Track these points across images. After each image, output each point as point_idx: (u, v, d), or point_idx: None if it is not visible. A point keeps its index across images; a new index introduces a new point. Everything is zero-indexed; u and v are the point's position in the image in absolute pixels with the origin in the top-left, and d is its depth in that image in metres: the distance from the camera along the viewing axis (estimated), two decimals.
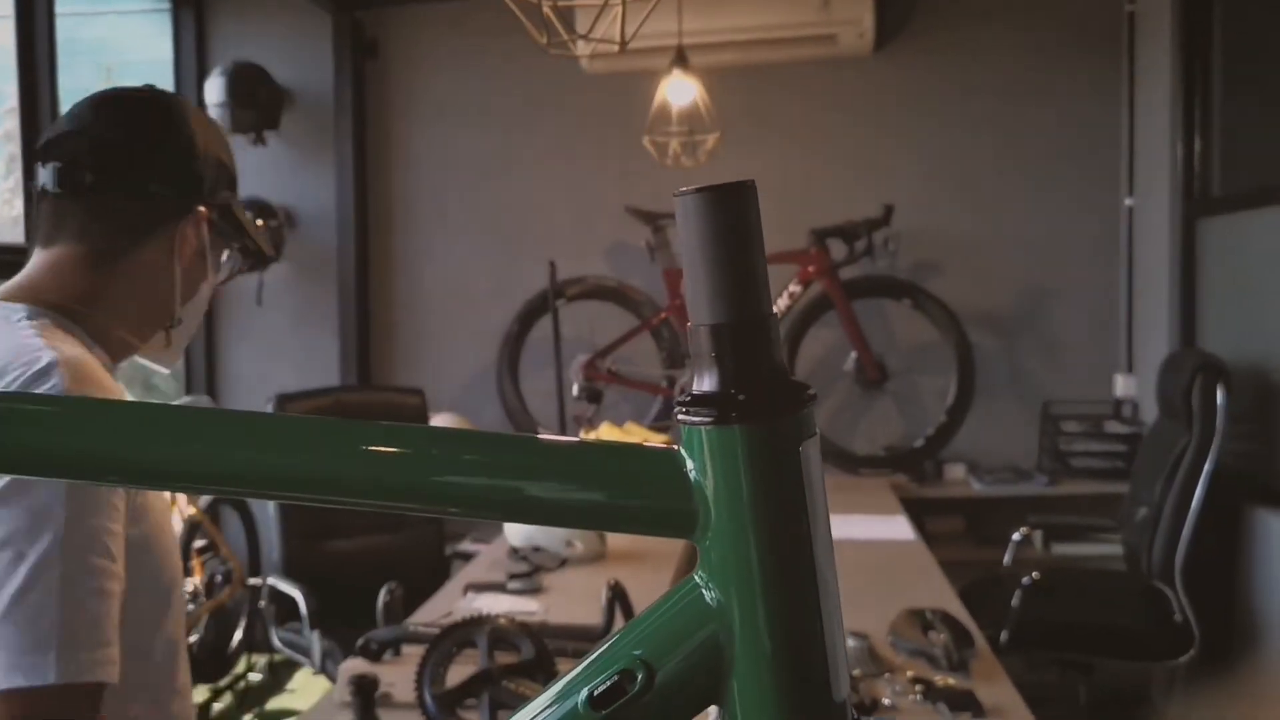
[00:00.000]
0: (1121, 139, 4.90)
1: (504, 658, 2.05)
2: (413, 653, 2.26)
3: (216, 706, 4.83)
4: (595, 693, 0.52)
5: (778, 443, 0.50)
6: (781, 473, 0.50)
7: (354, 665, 2.30)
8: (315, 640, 3.62)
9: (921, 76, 5.05)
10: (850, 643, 2.34)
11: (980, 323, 4.92)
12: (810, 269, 4.70)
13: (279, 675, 5.11)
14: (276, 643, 3.96)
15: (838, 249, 4.70)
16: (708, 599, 0.52)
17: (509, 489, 0.54)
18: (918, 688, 2.15)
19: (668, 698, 0.52)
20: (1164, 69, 4.45)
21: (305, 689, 4.91)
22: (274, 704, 4.88)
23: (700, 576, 0.52)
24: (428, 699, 1.96)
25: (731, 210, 0.50)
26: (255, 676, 5.05)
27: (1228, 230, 4.15)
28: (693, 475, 0.51)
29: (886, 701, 2.13)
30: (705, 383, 0.51)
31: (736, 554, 0.51)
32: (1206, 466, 3.49)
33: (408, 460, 0.54)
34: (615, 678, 0.52)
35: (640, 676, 0.51)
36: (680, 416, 0.51)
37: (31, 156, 3.37)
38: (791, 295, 4.72)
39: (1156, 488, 3.65)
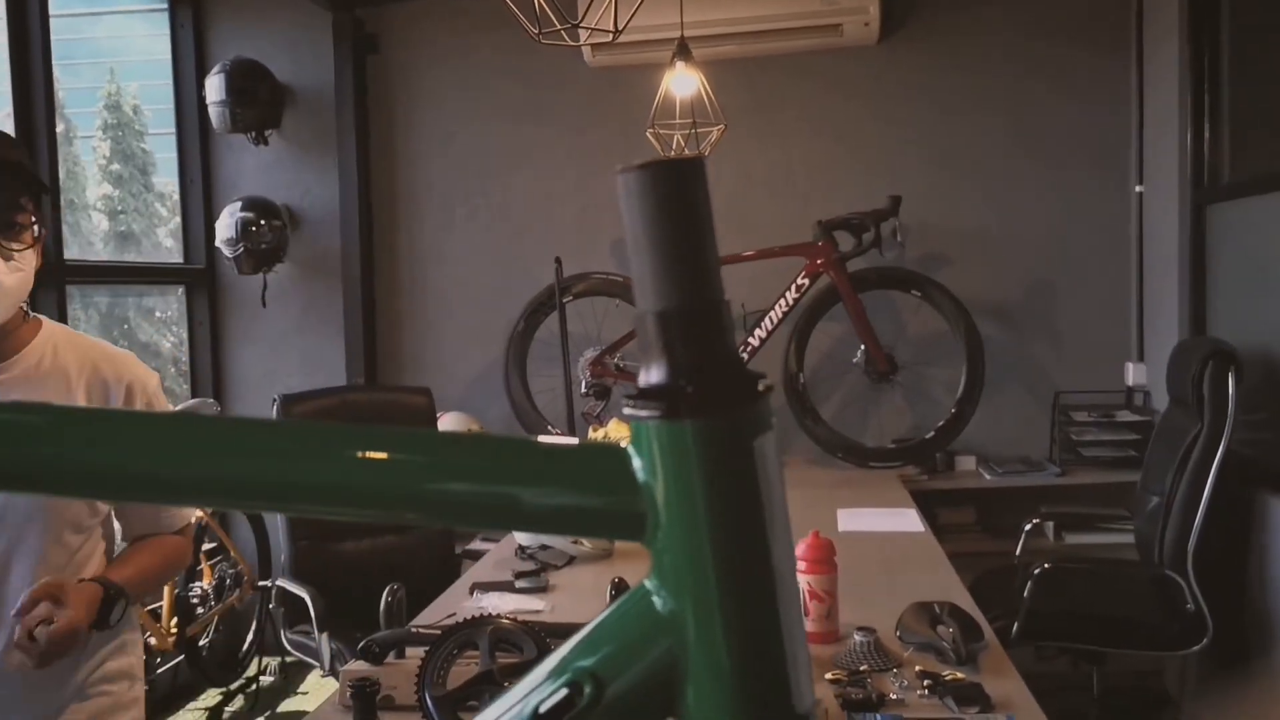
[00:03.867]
0: (1130, 125, 4.86)
1: (506, 658, 2.03)
2: (416, 655, 2.23)
3: (228, 709, 4.82)
4: (541, 709, 0.49)
5: (731, 438, 0.47)
6: (735, 471, 0.46)
7: (356, 668, 2.28)
8: (324, 642, 3.60)
9: (928, 66, 5.01)
10: (858, 637, 2.31)
11: (989, 313, 4.89)
12: (818, 262, 4.67)
13: (291, 677, 5.10)
14: (287, 645, 3.95)
15: (845, 241, 4.67)
16: (659, 607, 0.48)
17: (440, 492, 0.50)
18: (925, 682, 2.13)
19: (619, 712, 0.48)
20: (1172, 55, 4.40)
21: (317, 691, 4.90)
22: (286, 706, 4.87)
23: (651, 582, 0.49)
24: (429, 701, 1.94)
25: (677, 188, 0.47)
26: (267, 679, 5.04)
27: (1237, 216, 4.11)
28: (641, 474, 0.48)
29: (894, 696, 2.11)
30: (653, 375, 0.47)
31: (689, 559, 0.47)
32: (1218, 454, 3.45)
33: (319, 462, 0.51)
34: (563, 692, 0.49)
35: (588, 690, 0.48)
36: (627, 411, 0.48)
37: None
38: (799, 288, 4.68)
39: (1168, 476, 3.61)
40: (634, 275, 0.48)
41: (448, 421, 4.79)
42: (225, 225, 5.13)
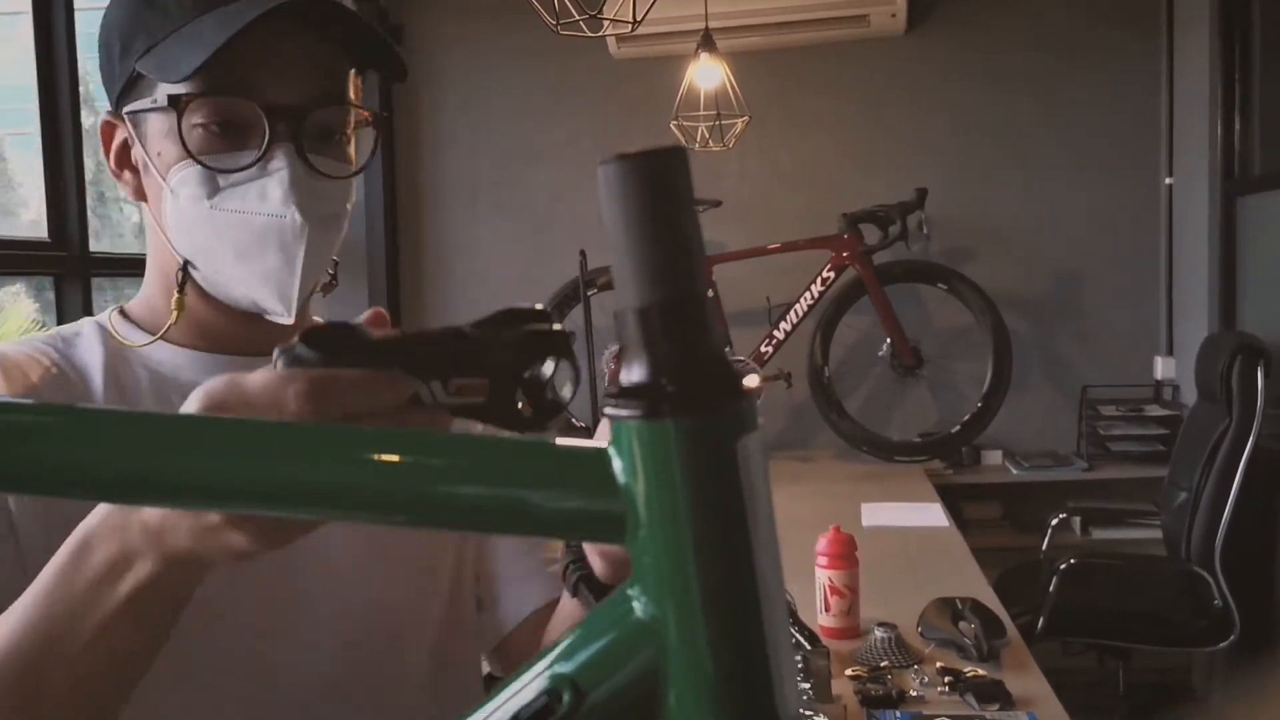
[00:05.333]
0: (1160, 118, 4.81)
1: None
2: None
3: None
4: (519, 719, 0.48)
5: (713, 438, 0.45)
6: (717, 471, 0.45)
7: None
8: None
9: (955, 57, 4.98)
10: (879, 633, 2.30)
11: (1016, 306, 4.85)
12: (843, 254, 4.64)
13: None
14: None
15: (871, 234, 4.65)
16: (640, 612, 0.47)
17: (412, 491, 0.49)
18: (946, 679, 2.11)
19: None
20: (1203, 46, 4.36)
21: None
22: None
23: (633, 588, 0.48)
24: None
25: (658, 179, 0.46)
26: None
27: (1268, 208, 4.07)
28: (621, 475, 0.47)
29: (914, 693, 2.09)
30: (634, 373, 0.46)
31: (670, 562, 0.45)
32: (1246, 449, 3.42)
33: (293, 459, 0.50)
34: (542, 700, 0.47)
35: (567, 698, 0.47)
36: (607, 411, 0.46)
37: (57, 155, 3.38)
38: (824, 281, 4.66)
39: (1196, 472, 3.59)
40: (614, 270, 0.47)
41: None
42: None
